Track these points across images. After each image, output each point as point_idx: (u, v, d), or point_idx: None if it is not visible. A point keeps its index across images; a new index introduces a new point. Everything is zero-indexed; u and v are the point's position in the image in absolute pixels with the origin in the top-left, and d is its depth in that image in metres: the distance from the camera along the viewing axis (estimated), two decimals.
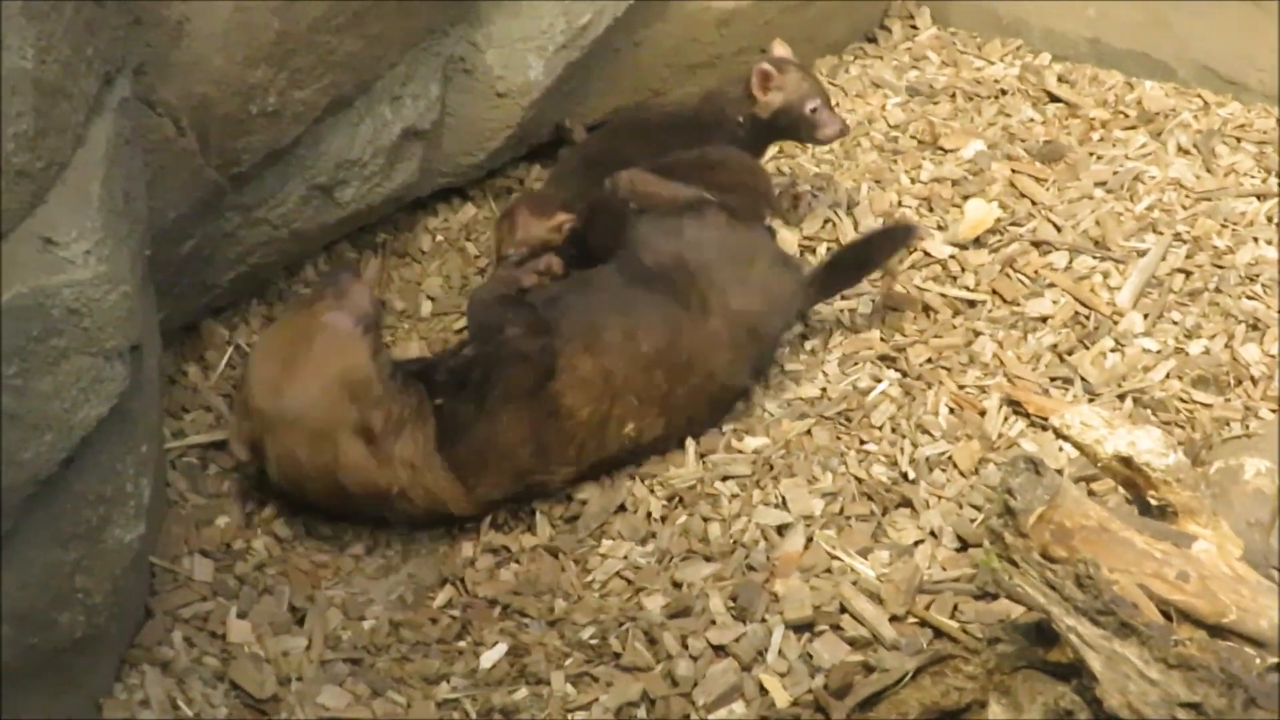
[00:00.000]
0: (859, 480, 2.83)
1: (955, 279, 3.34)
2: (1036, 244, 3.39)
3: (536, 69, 3.30)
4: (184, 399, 3.02)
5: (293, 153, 2.98)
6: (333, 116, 3.03)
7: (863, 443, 2.94)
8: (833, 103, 3.55)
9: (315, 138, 3.01)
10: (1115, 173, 3.60)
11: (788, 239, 3.45)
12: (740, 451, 2.93)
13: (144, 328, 2.29)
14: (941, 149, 3.78)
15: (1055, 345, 3.12)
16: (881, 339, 3.18)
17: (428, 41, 3.18)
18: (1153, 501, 2.05)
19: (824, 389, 3.10)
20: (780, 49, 3.53)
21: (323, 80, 2.90)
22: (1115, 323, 3.15)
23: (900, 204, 3.56)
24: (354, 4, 2.82)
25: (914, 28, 4.32)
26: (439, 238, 3.54)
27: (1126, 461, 2.04)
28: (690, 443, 2.95)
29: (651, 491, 2.86)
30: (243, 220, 2.97)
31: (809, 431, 2.98)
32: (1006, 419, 2.96)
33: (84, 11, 2.12)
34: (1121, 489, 2.18)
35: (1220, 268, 3.26)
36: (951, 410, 2.99)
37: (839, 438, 2.96)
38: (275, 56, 2.74)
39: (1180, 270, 3.28)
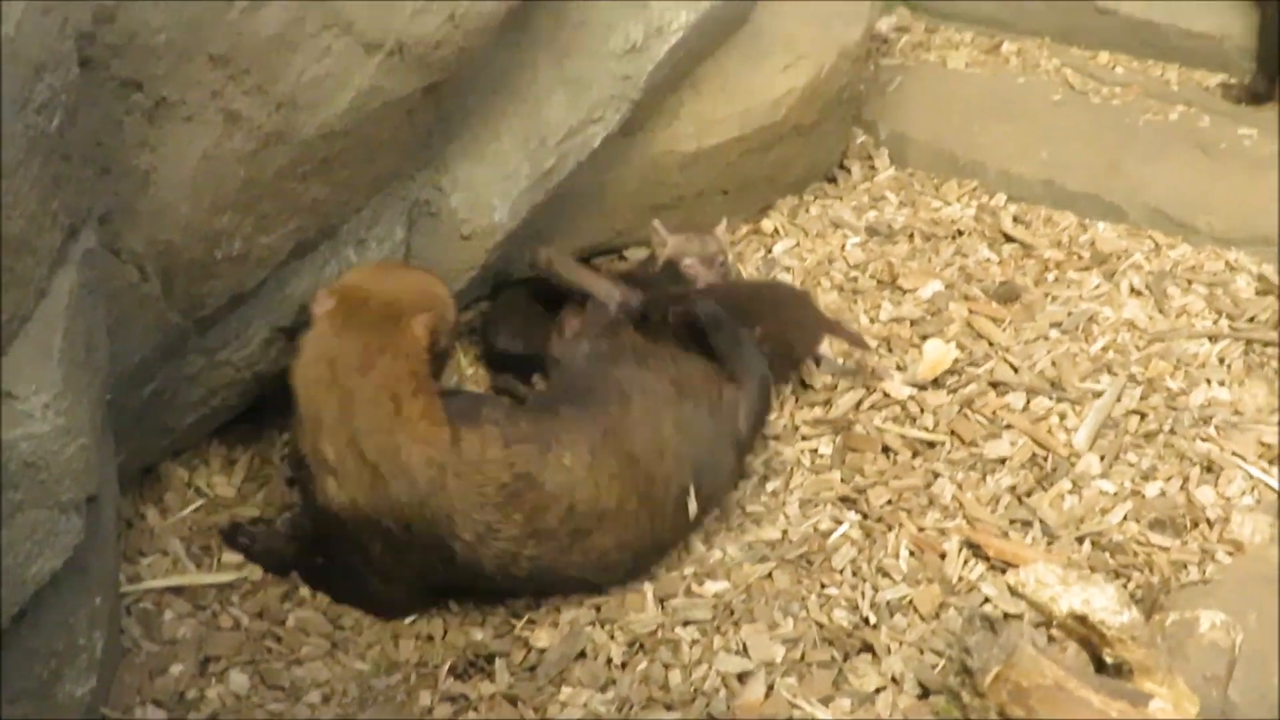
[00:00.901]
0: (820, 625, 2.82)
1: (914, 420, 3.37)
2: (994, 385, 3.43)
3: (501, 212, 3.34)
4: (141, 543, 2.99)
5: (257, 295, 3.00)
6: (298, 259, 3.06)
7: (824, 586, 2.94)
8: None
9: (280, 280, 3.03)
10: (1070, 313, 3.66)
11: None
12: (700, 596, 2.92)
13: (101, 477, 2.29)
14: (900, 289, 3.84)
15: (1014, 487, 3.14)
16: (842, 480, 3.20)
17: (393, 186, 3.22)
18: (1108, 659, 2.06)
19: (785, 531, 3.11)
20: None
21: (288, 225, 2.92)
22: (1073, 464, 3.18)
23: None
24: (321, 152, 2.86)
25: (873, 168, 4.41)
26: None
27: (1081, 619, 2.04)
28: (649, 586, 2.94)
29: (611, 637, 2.84)
30: (205, 363, 2.97)
31: (770, 575, 2.97)
32: (967, 562, 2.96)
33: (52, 165, 2.14)
34: (1077, 645, 2.19)
35: (1174, 409, 3.30)
36: (912, 553, 3.00)
37: (800, 581, 2.96)
38: (241, 203, 2.77)
39: (1135, 412, 3.32)
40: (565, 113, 3.44)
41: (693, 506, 2.97)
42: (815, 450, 3.30)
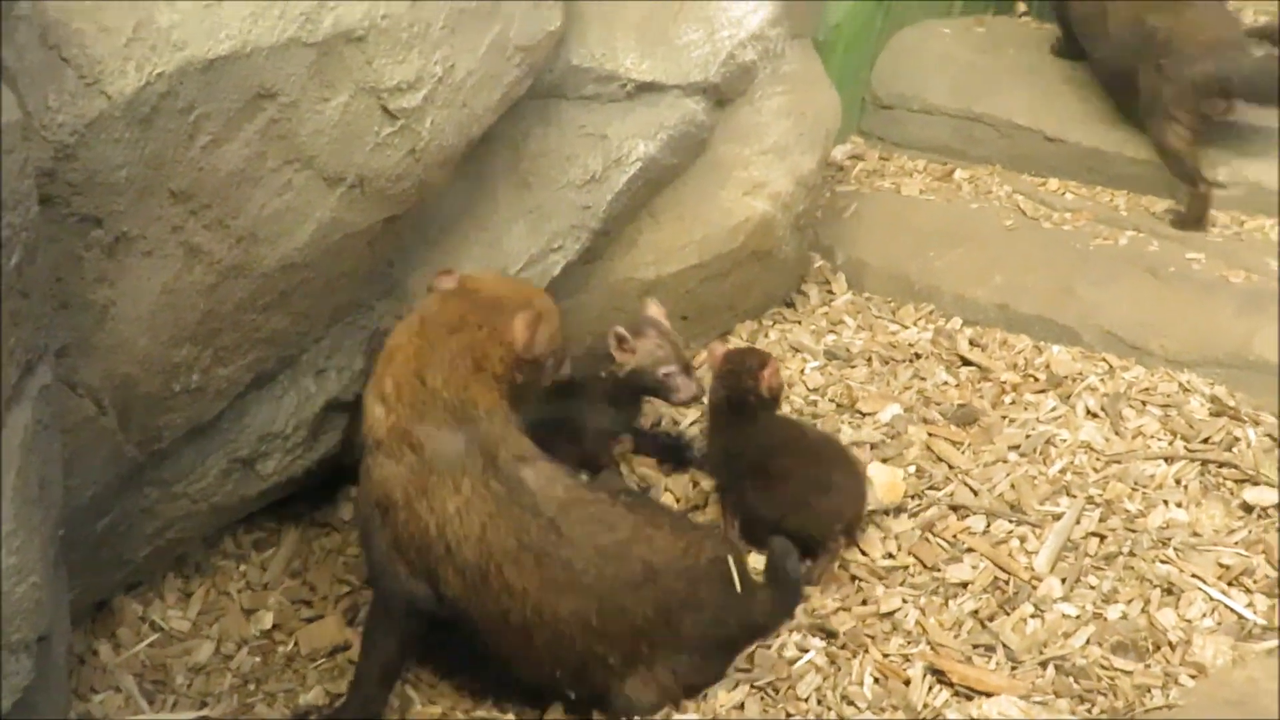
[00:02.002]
0: None
1: (878, 544, 3.37)
2: (954, 508, 3.44)
3: None
4: (93, 679, 2.95)
5: (215, 427, 3.00)
6: (256, 390, 3.06)
7: (789, 715, 2.92)
8: (693, 366, 3.66)
9: (238, 411, 3.03)
10: (1028, 436, 3.69)
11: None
12: None
13: (53, 615, 2.24)
14: (860, 412, 3.87)
15: (976, 611, 3.13)
16: (806, 607, 3.19)
17: (354, 315, 3.24)
18: None
19: (751, 656, 3.08)
20: (653, 309, 3.64)
21: (247, 357, 2.93)
22: (1034, 587, 3.18)
23: None
24: (281, 284, 2.88)
25: (830, 293, 4.47)
26: None
27: None
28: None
29: None
30: (161, 495, 2.96)
31: (741, 705, 2.95)
32: (931, 688, 2.94)
33: (10, 302, 2.14)
34: None
35: (1133, 531, 3.32)
36: (876, 680, 2.98)
37: (767, 710, 2.93)
38: (200, 336, 2.78)
39: (1095, 534, 3.33)
40: (526, 242, 3.49)
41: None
42: None
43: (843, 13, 4.96)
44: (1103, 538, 3.32)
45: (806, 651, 3.06)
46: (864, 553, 3.34)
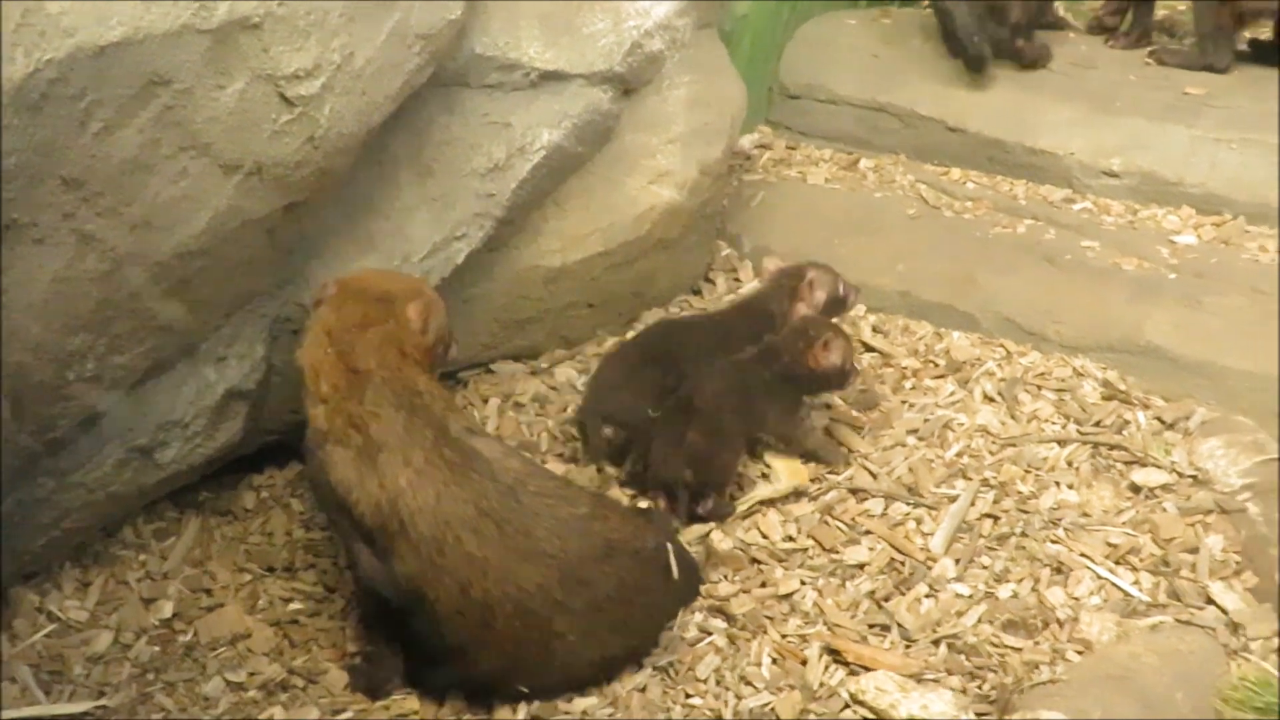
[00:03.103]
0: None
1: (778, 527, 3.42)
2: (854, 492, 3.50)
3: None
4: None
5: (111, 415, 2.97)
6: (154, 378, 3.04)
7: (688, 696, 2.96)
8: None
9: (136, 400, 3.01)
10: (926, 420, 3.77)
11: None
12: (569, 713, 2.92)
13: None
14: None
15: (873, 592, 3.20)
16: (708, 588, 3.23)
17: (254, 303, 3.23)
18: None
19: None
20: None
21: (144, 345, 2.91)
22: (929, 568, 3.25)
23: None
24: (178, 272, 2.86)
25: (737, 280, 4.51)
26: (263, 494, 3.53)
27: None
28: (523, 706, 2.94)
29: None
30: (57, 485, 2.93)
31: (644, 688, 2.99)
32: (827, 668, 3.00)
33: None
34: None
35: (1025, 512, 3.40)
36: (774, 660, 3.03)
37: (666, 692, 2.98)
38: (94, 324, 2.75)
39: (989, 515, 3.41)
40: (429, 230, 3.49)
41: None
42: None
43: (750, 4, 5.01)
44: (996, 519, 3.40)
45: (707, 634, 3.11)
46: (765, 536, 3.39)
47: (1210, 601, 3.11)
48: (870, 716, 2.74)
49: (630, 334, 4.04)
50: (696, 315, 4.11)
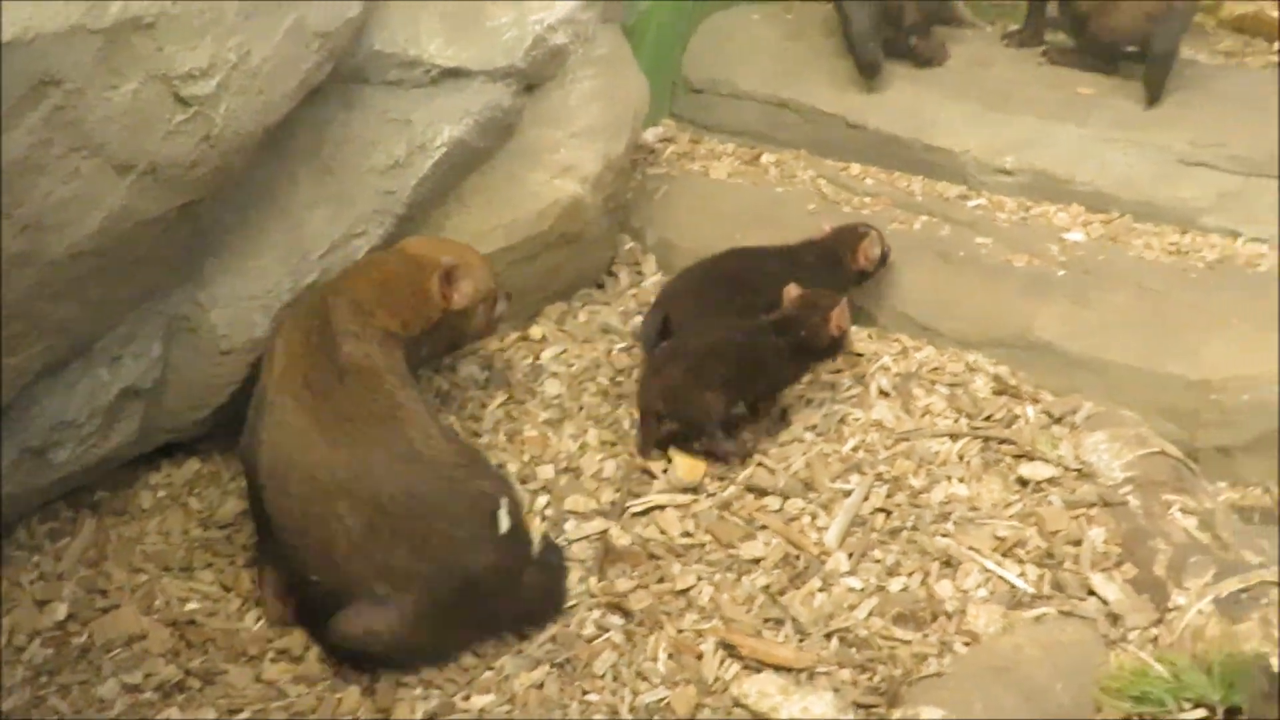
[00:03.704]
0: None
1: (676, 523, 3.48)
2: (751, 488, 3.57)
3: (262, 326, 3.35)
4: None
5: (4, 416, 2.94)
6: (48, 379, 3.01)
7: (585, 692, 3.00)
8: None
9: (28, 400, 2.98)
10: (824, 415, 3.84)
11: None
12: (465, 711, 2.95)
13: None
14: None
15: (768, 586, 3.26)
16: (605, 585, 3.28)
17: (150, 302, 3.21)
18: None
19: (554, 636, 3.16)
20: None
21: (36, 345, 2.89)
22: (823, 562, 3.33)
23: (621, 447, 3.71)
24: (71, 272, 2.83)
25: (640, 274, 4.56)
26: (160, 494, 3.51)
27: None
28: (421, 705, 2.96)
29: None
30: None
31: (540, 685, 3.02)
32: (723, 662, 3.06)
33: None
34: None
35: (917, 507, 3.48)
36: (670, 655, 3.09)
37: (564, 688, 3.02)
38: None
39: (881, 509, 3.49)
40: (328, 227, 3.49)
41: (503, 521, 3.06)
42: (583, 561, 3.36)
43: None
44: (889, 513, 3.48)
45: (605, 630, 3.16)
46: (663, 531, 3.44)
47: (1091, 593, 3.22)
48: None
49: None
50: (769, 245, 4.22)
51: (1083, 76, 5.05)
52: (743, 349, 3.67)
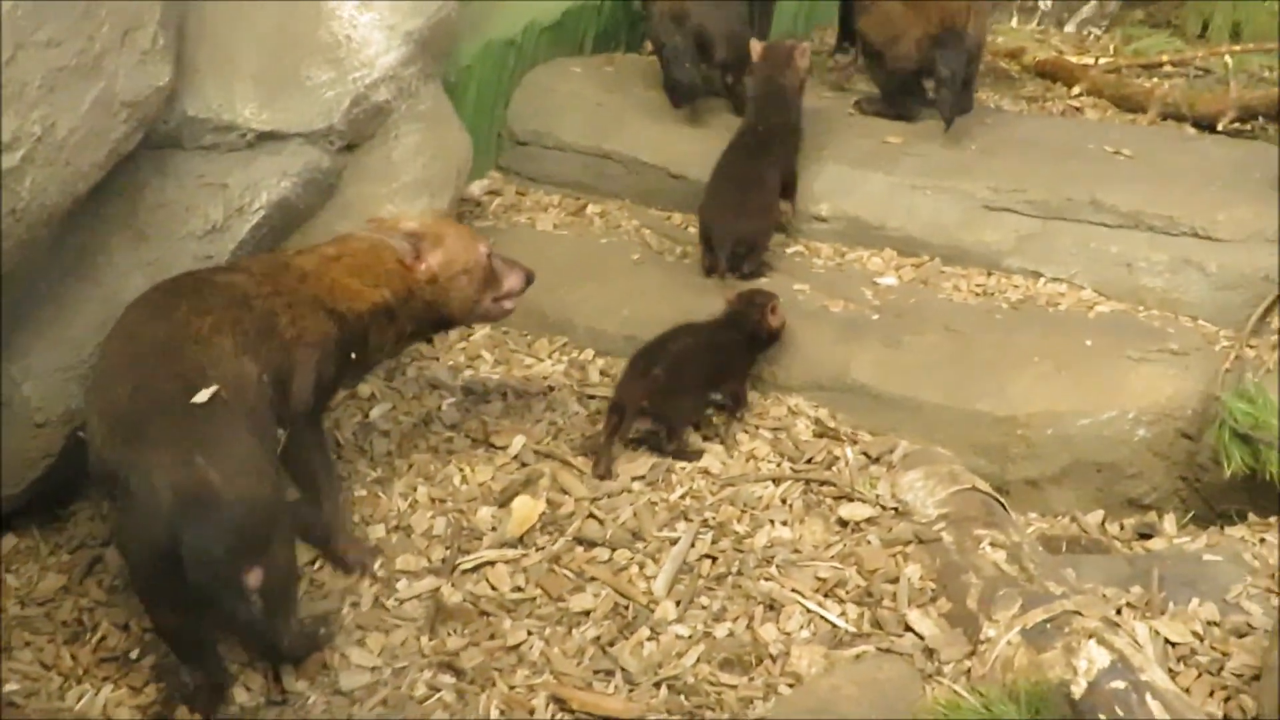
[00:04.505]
0: None
1: (507, 578, 3.51)
2: (580, 540, 3.62)
3: (78, 397, 3.30)
4: None
5: None
6: None
7: None
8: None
9: None
10: (652, 465, 3.90)
11: None
12: None
13: None
14: (494, 446, 4.00)
15: (598, 638, 3.31)
16: (436, 644, 3.29)
17: None
18: None
19: (385, 699, 3.16)
20: None
21: None
22: (651, 611, 3.39)
23: (452, 504, 3.73)
24: None
25: (469, 329, 4.58)
26: None
27: None
28: None
29: None
30: None
31: None
32: (554, 717, 3.10)
33: None
34: None
35: (741, 551, 3.57)
36: (502, 712, 3.11)
37: None
38: None
39: (708, 556, 3.56)
40: None
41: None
42: (416, 620, 3.36)
43: (474, 54, 5.10)
44: (714, 559, 3.56)
45: (436, 690, 3.17)
46: (494, 587, 3.47)
47: (908, 629, 3.34)
48: None
49: None
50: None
51: (891, 126, 5.25)
52: (711, 348, 4.06)
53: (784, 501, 3.78)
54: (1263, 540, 3.86)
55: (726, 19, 5.22)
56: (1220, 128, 5.68)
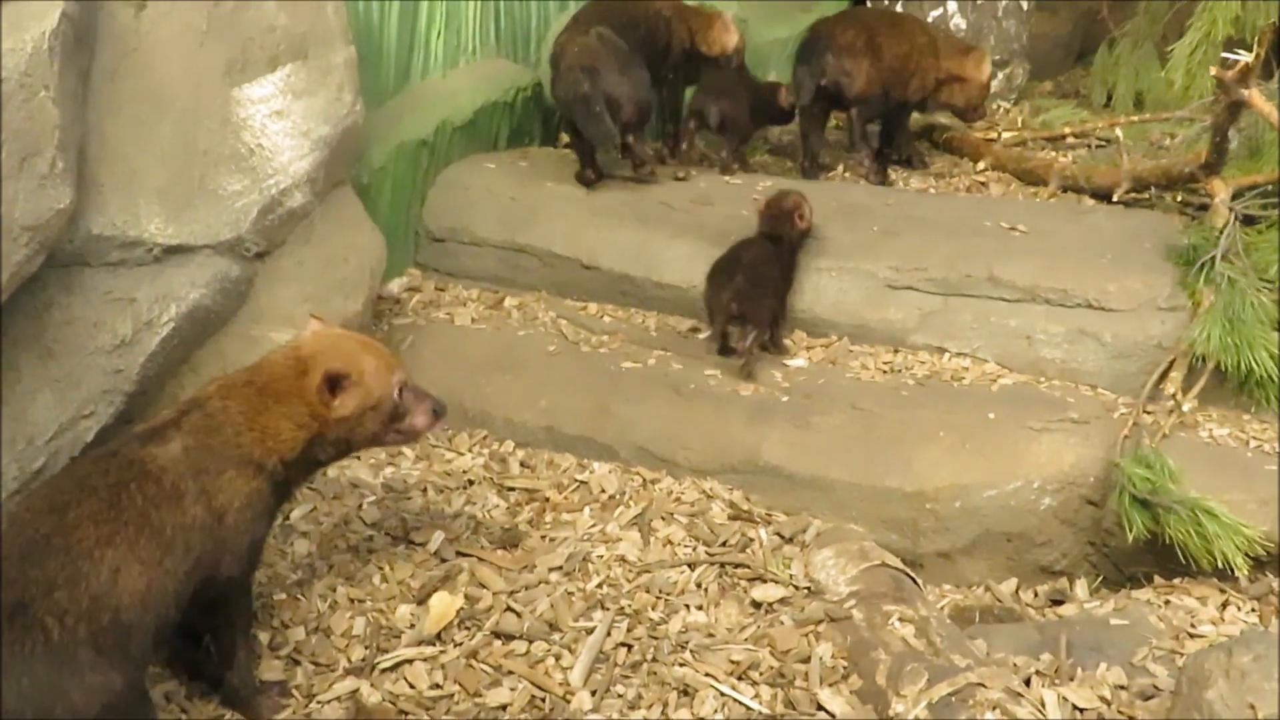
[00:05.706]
0: None
1: (425, 675, 3.53)
2: (498, 634, 3.65)
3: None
4: None
5: None
6: None
7: None
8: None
9: None
10: (569, 555, 3.96)
11: None
12: None
13: None
14: (413, 543, 4.04)
15: None
16: None
17: None
18: None
19: None
20: None
21: None
22: (568, 702, 3.42)
23: (371, 603, 3.76)
24: None
25: None
26: None
27: None
28: None
29: None
30: None
31: None
32: None
33: None
34: None
35: (655, 638, 3.62)
36: None
37: None
38: None
39: (623, 644, 3.61)
40: (54, 411, 3.49)
41: None
42: None
43: (388, 154, 5.21)
44: (629, 647, 3.60)
45: None
46: (412, 686, 3.49)
47: (820, 708, 3.39)
48: None
49: None
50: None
51: None
52: (773, 256, 4.80)
53: (699, 586, 3.84)
54: (1167, 602, 3.97)
55: (633, 84, 5.38)
56: (1115, 198, 5.87)
